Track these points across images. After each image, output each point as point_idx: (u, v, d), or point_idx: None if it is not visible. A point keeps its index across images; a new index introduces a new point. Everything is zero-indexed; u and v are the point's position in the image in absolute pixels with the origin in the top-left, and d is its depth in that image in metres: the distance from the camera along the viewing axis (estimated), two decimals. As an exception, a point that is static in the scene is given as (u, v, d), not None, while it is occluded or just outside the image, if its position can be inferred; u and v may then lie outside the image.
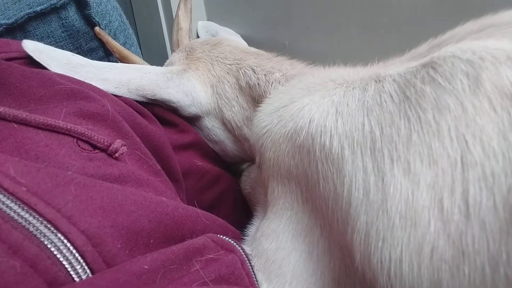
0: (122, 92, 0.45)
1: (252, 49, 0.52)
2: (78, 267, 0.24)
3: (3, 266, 0.22)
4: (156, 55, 0.56)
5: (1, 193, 0.24)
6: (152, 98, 0.47)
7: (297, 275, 0.31)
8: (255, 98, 0.47)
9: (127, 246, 0.28)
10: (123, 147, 0.36)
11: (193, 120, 0.53)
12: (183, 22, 0.61)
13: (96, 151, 0.35)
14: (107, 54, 0.58)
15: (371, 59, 0.35)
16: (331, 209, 0.28)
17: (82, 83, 0.41)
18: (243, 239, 0.40)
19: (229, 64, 0.49)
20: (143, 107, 0.46)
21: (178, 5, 0.61)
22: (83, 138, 0.34)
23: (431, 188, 0.20)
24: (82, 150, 0.34)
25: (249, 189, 0.50)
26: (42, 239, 0.24)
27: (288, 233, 0.33)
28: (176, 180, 0.46)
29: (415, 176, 0.21)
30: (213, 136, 0.53)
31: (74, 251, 0.25)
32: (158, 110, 0.49)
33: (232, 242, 0.34)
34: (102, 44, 0.57)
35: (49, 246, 0.24)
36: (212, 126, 0.52)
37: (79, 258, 0.25)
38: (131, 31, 0.62)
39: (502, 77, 0.20)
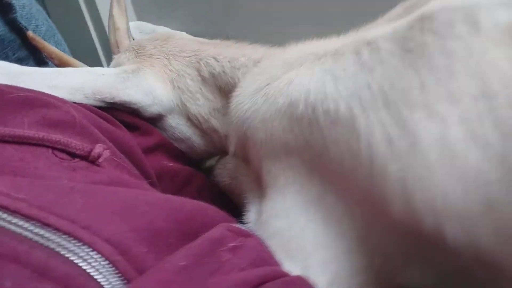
0: (78, 98, 0.41)
1: (206, 40, 0.51)
2: (113, 279, 0.22)
3: (34, 294, 0.18)
4: (87, 60, 0.51)
5: (4, 212, 0.20)
6: (111, 101, 0.44)
7: (319, 244, 0.32)
8: (221, 87, 0.46)
9: (151, 249, 0.25)
10: (105, 151, 0.33)
11: (155, 120, 0.50)
12: (119, 22, 0.57)
13: (76, 159, 0.31)
14: (39, 63, 0.52)
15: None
16: (347, 170, 0.29)
17: (33, 90, 0.36)
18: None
19: (187, 57, 0.47)
20: (104, 112, 0.42)
21: (111, 4, 0.57)
22: (59, 146, 0.30)
23: (461, 124, 0.22)
24: (61, 160, 0.30)
25: (229, 180, 0.49)
26: (67, 255, 0.20)
27: (298, 207, 0.34)
28: (152, 184, 0.43)
29: (440, 117, 0.23)
30: (178, 134, 0.51)
31: (103, 263, 0.22)
32: (117, 114, 0.46)
33: (245, 228, 0.33)
34: (32, 52, 0.51)
35: (76, 261, 0.21)
36: (176, 124, 0.50)
37: (111, 269, 0.22)
38: (60, 35, 0.57)
39: (498, 17, 0.22)
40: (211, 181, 0.54)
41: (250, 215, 0.40)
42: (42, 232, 0.20)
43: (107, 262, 0.22)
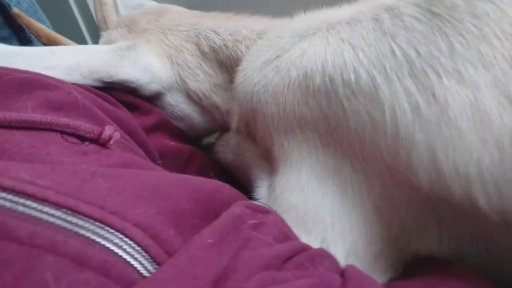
0: (75, 78, 0.39)
1: (203, 13, 0.48)
2: (148, 265, 0.21)
3: (76, 284, 0.17)
4: (71, 38, 0.48)
5: (33, 201, 0.19)
6: (109, 80, 0.42)
7: (337, 215, 0.32)
8: (222, 61, 0.45)
9: (178, 231, 0.25)
10: (115, 132, 0.31)
11: (153, 99, 0.48)
12: (105, -5, 0.54)
13: (86, 143, 0.30)
14: (23, 43, 0.49)
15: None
16: (368, 141, 0.28)
17: (28, 71, 0.34)
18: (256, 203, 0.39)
19: (185, 31, 0.45)
20: (102, 92, 0.40)
21: (95, -24, 0.54)
22: (69, 130, 0.29)
23: (494, 88, 0.22)
24: (72, 144, 0.28)
25: (233, 157, 0.48)
26: (102, 242, 0.20)
27: (314, 180, 0.33)
28: (159, 166, 0.42)
29: (472, 82, 0.22)
30: (178, 112, 0.49)
31: (137, 248, 0.21)
32: (116, 93, 0.44)
33: (263, 204, 0.33)
34: (15, 31, 0.48)
35: (112, 248, 0.20)
36: (175, 101, 0.48)
37: (145, 254, 0.21)
38: (41, 12, 0.53)
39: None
40: (212, 158, 0.53)
41: (261, 190, 0.40)
42: (74, 220, 0.19)
43: (139, 247, 0.21)
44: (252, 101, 0.38)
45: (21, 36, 0.48)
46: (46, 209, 0.19)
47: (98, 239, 0.20)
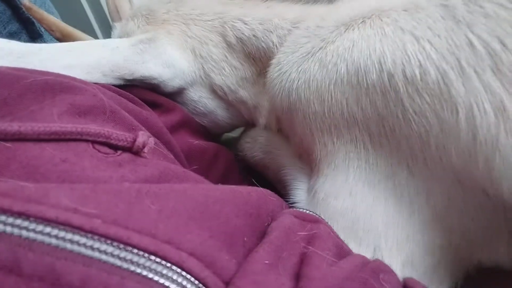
0: (96, 77, 0.36)
1: (227, -1, 0.45)
2: None
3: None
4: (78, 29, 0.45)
5: (82, 236, 0.16)
6: (130, 78, 0.39)
7: (391, 223, 0.29)
8: (250, 53, 0.42)
9: (231, 254, 0.22)
10: (150, 138, 0.28)
11: (175, 95, 0.45)
12: (117, -17, 0.50)
13: (118, 152, 0.27)
14: (33, 38, 0.46)
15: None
16: (434, 145, 0.26)
17: (47, 72, 0.31)
18: (293, 207, 0.36)
19: (209, 20, 0.42)
20: (125, 91, 0.37)
21: (106, -37, 0.50)
22: (100, 139, 0.26)
23: None
24: (105, 155, 0.26)
25: (261, 155, 0.45)
26: (161, 281, 0.17)
27: (363, 184, 0.31)
28: (183, 166, 0.40)
29: None
30: (201, 108, 0.46)
31: (195, 281, 0.18)
32: (137, 91, 0.41)
33: (310, 212, 0.30)
34: (24, 25, 0.44)
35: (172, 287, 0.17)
36: (199, 97, 0.45)
37: (202, 287, 0.19)
38: (50, 2, 0.50)
39: None
40: (235, 155, 0.51)
41: (299, 193, 0.37)
42: (129, 256, 0.17)
43: (197, 280, 0.19)
44: (289, 98, 0.35)
45: (31, 30, 0.44)
46: (97, 245, 0.16)
47: (156, 277, 0.17)
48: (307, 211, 0.30)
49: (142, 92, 0.41)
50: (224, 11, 0.42)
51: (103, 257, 0.16)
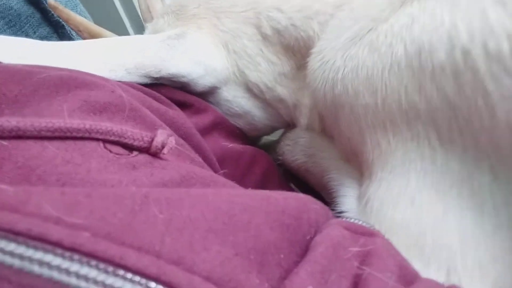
0: (120, 75, 0.33)
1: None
2: None
3: None
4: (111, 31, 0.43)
5: (55, 255, 0.13)
6: (157, 76, 0.36)
7: (470, 239, 0.23)
8: (288, 45, 0.37)
9: (263, 276, 0.18)
10: (170, 138, 0.25)
11: (207, 94, 0.42)
12: (149, -18, 0.48)
13: (135, 153, 0.23)
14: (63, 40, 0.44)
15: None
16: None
17: (66, 69, 0.28)
18: (340, 216, 0.31)
19: (242, 12, 0.38)
20: (150, 89, 0.34)
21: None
22: (112, 138, 0.22)
23: None
24: (117, 156, 0.22)
25: (304, 158, 0.40)
26: None
27: (429, 191, 0.25)
28: (215, 171, 0.36)
29: None
30: (236, 108, 0.42)
31: None
32: (165, 90, 0.38)
33: (364, 223, 0.25)
34: (56, 28, 0.43)
35: None
36: (233, 96, 0.41)
37: None
38: (82, 6, 0.48)
39: None
40: (275, 160, 0.46)
41: (348, 201, 0.32)
42: (119, 283, 0.13)
43: None
44: (333, 91, 0.30)
45: (62, 33, 0.43)
46: (74, 267, 0.12)
47: None
48: (360, 222, 0.25)
49: (171, 91, 0.38)
50: (258, 0, 0.38)
51: (82, 285, 0.12)
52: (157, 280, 0.13)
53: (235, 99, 0.42)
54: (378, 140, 0.28)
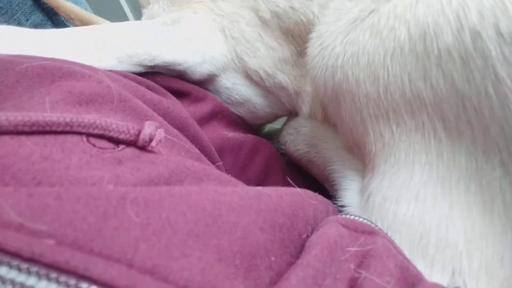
0: (110, 64, 0.32)
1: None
2: None
3: None
4: (112, 20, 0.41)
5: (11, 267, 0.12)
6: (151, 64, 0.34)
7: (477, 238, 0.22)
8: (288, 29, 0.35)
9: (250, 282, 0.17)
10: (158, 130, 0.23)
11: (206, 83, 0.40)
12: (145, -35, 0.46)
13: (121, 147, 0.22)
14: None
15: None
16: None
17: (51, 58, 0.27)
18: (342, 210, 0.30)
19: (239, -6, 0.36)
20: (144, 78, 0.33)
21: None
22: (96, 131, 0.21)
23: None
24: (101, 150, 0.21)
25: (306, 148, 0.39)
26: None
27: (434, 185, 0.23)
28: (214, 162, 0.34)
29: None
30: (236, 96, 0.41)
31: None
32: (161, 79, 0.36)
33: (366, 221, 0.23)
34: (49, 15, 0.41)
35: None
36: (232, 84, 0.40)
37: None
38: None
39: None
40: (278, 149, 0.45)
41: (349, 195, 0.30)
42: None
43: None
44: (334, 78, 0.28)
45: (56, 20, 0.42)
46: (31, 281, 0.11)
47: None
48: (360, 219, 0.24)
49: (168, 79, 0.37)
50: (256, -19, 0.36)
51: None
52: (126, 292, 0.12)
53: (234, 86, 0.40)
54: (381, 131, 0.26)
